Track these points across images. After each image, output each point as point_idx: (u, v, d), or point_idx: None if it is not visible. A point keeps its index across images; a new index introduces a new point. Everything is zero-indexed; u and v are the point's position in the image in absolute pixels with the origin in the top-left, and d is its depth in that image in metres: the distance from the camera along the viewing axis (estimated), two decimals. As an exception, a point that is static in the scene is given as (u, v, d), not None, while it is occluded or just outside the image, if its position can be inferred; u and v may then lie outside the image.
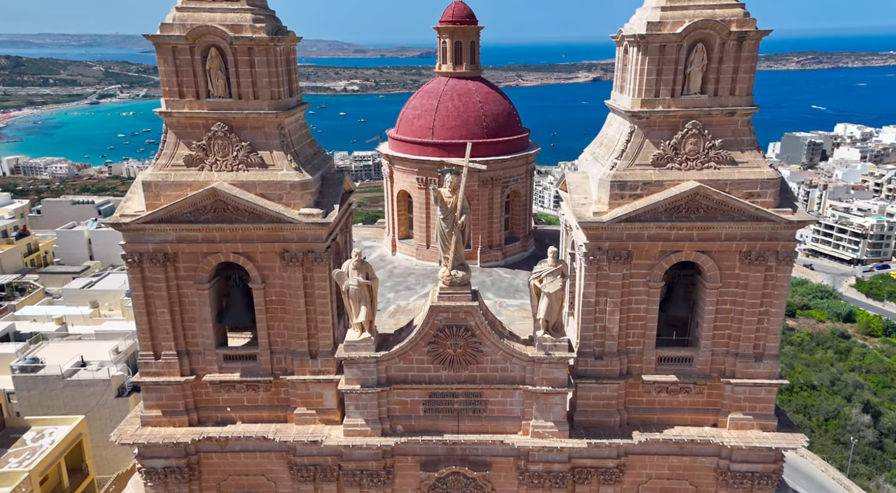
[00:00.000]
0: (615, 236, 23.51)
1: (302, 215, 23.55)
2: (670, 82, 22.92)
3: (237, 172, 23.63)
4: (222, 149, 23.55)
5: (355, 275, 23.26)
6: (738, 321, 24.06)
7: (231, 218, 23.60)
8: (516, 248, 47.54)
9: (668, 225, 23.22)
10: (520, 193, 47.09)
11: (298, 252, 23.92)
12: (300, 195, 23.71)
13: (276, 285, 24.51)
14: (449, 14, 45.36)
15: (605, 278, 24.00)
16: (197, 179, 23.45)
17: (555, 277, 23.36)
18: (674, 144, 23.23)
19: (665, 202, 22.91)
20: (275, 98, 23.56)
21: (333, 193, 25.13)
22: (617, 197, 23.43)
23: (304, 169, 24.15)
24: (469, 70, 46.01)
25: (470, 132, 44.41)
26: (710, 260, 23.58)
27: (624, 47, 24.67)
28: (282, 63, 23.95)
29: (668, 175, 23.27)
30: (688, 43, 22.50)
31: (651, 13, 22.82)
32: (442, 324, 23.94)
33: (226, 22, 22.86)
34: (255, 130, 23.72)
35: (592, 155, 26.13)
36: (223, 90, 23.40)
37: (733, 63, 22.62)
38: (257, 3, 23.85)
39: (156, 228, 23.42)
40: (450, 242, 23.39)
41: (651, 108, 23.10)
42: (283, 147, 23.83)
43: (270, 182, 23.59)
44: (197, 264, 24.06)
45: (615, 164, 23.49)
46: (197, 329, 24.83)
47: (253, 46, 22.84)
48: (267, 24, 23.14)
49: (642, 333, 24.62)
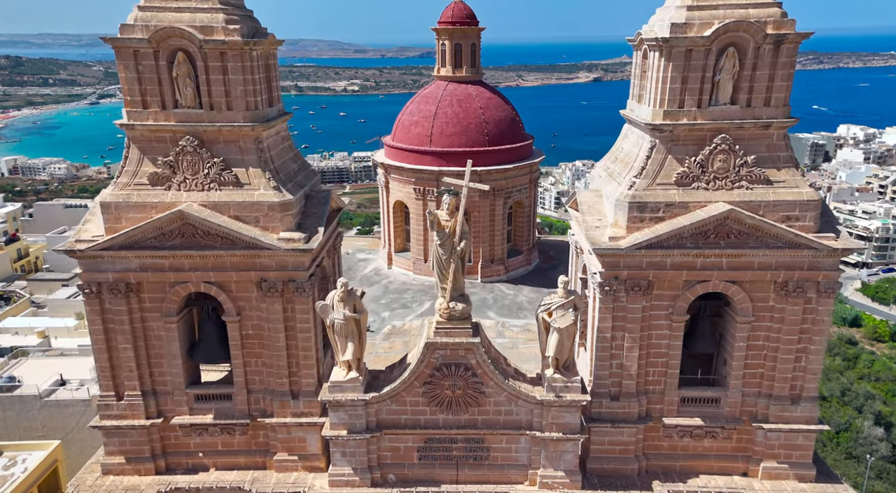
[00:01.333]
0: (634, 264, 20.88)
1: (281, 240, 20.93)
2: (697, 91, 20.29)
3: (209, 192, 21.01)
4: (192, 166, 20.93)
5: (341, 308, 20.63)
6: (772, 359, 21.42)
7: (201, 244, 20.96)
8: (519, 262, 44.95)
9: (695, 252, 20.59)
10: (523, 204, 44.48)
11: (278, 281, 21.30)
12: (280, 218, 21.09)
13: (252, 317, 21.89)
14: (448, 14, 42.67)
15: (622, 310, 21.38)
16: (163, 199, 20.83)
17: (566, 310, 20.73)
18: (700, 161, 20.61)
19: (691, 227, 20.26)
20: (251, 109, 20.95)
21: (318, 214, 22.51)
22: (636, 220, 20.80)
23: (285, 187, 21.54)
24: (469, 74, 43.34)
25: (470, 140, 41.79)
26: (742, 291, 20.94)
27: (643, 51, 22.05)
28: (259, 69, 21.34)
29: (694, 196, 20.64)
30: (717, 47, 19.89)
31: (675, 13, 20.19)
32: (439, 362, 21.31)
33: (194, 23, 20.25)
34: (229, 144, 21.11)
35: (606, 171, 23.50)
36: (193, 100, 20.79)
37: (769, 70, 19.99)
38: (231, 1, 21.23)
39: (116, 255, 20.78)
40: (448, 271, 20.77)
41: (675, 120, 20.48)
42: (261, 163, 21.22)
43: (246, 203, 20.97)
44: (164, 294, 21.44)
45: (634, 182, 20.87)
46: (165, 367, 22.18)
47: (226, 51, 20.22)
48: (242, 25, 20.54)
49: (664, 371, 21.99)
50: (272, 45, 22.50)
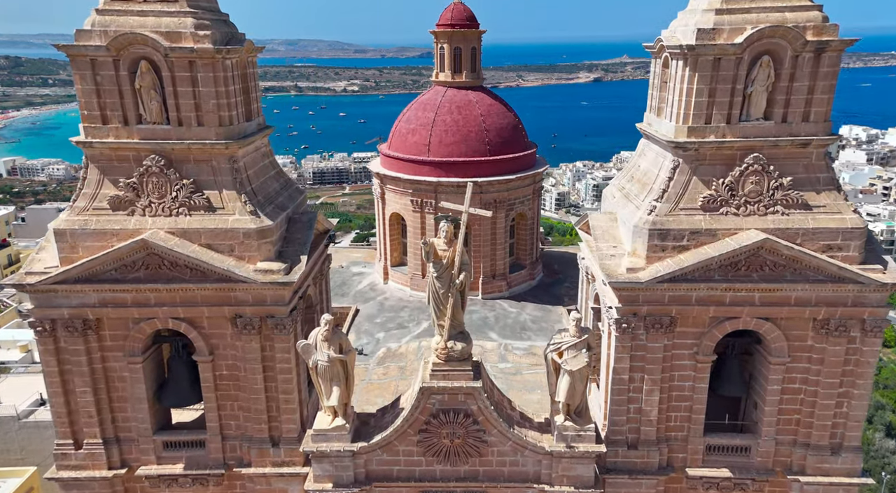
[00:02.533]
0: (655, 299, 18.58)
1: (258, 272, 18.63)
2: (726, 105, 18.00)
3: (177, 218, 18.71)
4: (158, 188, 18.64)
5: (325, 348, 18.32)
6: (810, 405, 19.12)
7: (168, 276, 18.68)
8: (522, 276, 42.58)
9: (724, 286, 18.28)
10: (526, 216, 42.12)
11: (255, 317, 19.02)
12: (257, 246, 18.80)
13: (227, 356, 19.60)
14: (447, 16, 40.25)
15: (641, 349, 19.08)
16: (125, 226, 18.53)
17: (578, 351, 18.42)
18: (729, 184, 18.31)
19: (720, 258, 17.96)
20: (224, 124, 18.65)
21: (301, 240, 20.21)
22: (657, 249, 18.50)
23: (264, 211, 19.25)
24: (470, 79, 40.94)
25: (470, 149, 39.43)
26: (776, 329, 18.64)
27: (663, 60, 19.75)
28: (235, 80, 19.03)
29: (723, 222, 18.34)
30: (750, 55, 17.58)
31: (702, 18, 17.89)
32: (436, 408, 19.00)
33: (159, 28, 17.94)
34: (200, 164, 18.81)
35: (621, 191, 21.19)
36: (159, 115, 18.50)
37: (808, 81, 17.69)
38: (202, 4, 18.91)
39: (72, 289, 18.48)
40: (445, 306, 18.44)
41: (701, 137, 18.18)
42: (237, 185, 18.92)
43: (219, 230, 18.67)
44: (126, 332, 19.14)
45: (654, 207, 18.57)
46: (129, 411, 19.89)
47: (195, 59, 17.93)
48: (214, 31, 18.24)
49: (687, 416, 19.70)
50: (250, 53, 20.21)
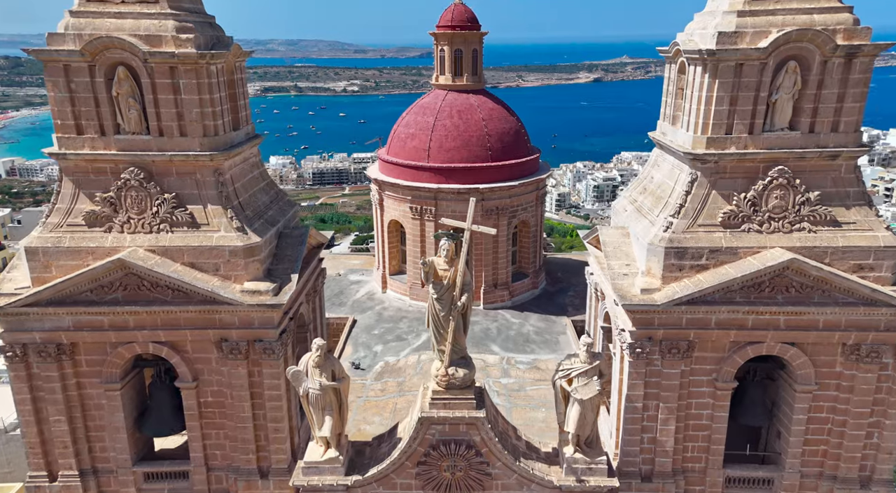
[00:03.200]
0: (672, 322, 17.29)
1: (245, 293, 17.34)
2: (748, 114, 16.71)
3: (158, 235, 17.42)
4: (137, 203, 17.35)
5: (317, 375, 17.02)
6: (838, 435, 17.83)
7: (148, 297, 17.38)
8: (525, 285, 41.29)
9: (746, 309, 16.99)
10: (529, 224, 40.83)
11: (241, 341, 17.72)
12: (244, 264, 17.51)
13: (212, 382, 18.31)
14: (448, 18, 38.93)
15: (656, 375, 17.79)
16: (102, 244, 17.23)
17: (589, 378, 17.12)
18: (752, 199, 17.02)
19: (742, 279, 16.68)
20: (209, 134, 17.36)
21: (292, 257, 18.92)
22: (674, 269, 17.21)
23: (252, 227, 17.96)
24: (471, 82, 39.64)
25: (472, 155, 38.12)
26: (802, 355, 17.35)
27: (679, 65, 18.46)
28: (221, 87, 17.75)
29: (745, 240, 17.05)
30: (775, 61, 16.29)
31: (723, 20, 16.60)
32: (436, 439, 17.68)
33: (138, 32, 16.65)
34: (183, 177, 17.53)
35: (633, 205, 19.90)
36: (138, 125, 17.21)
37: (838, 88, 16.40)
38: (185, 5, 17.61)
39: (44, 311, 17.18)
40: (447, 330, 17.14)
41: (721, 149, 16.89)
42: (222, 199, 17.63)
43: (203, 248, 17.38)
44: (104, 357, 17.84)
45: (670, 223, 17.27)
46: (107, 441, 18.59)
47: (177, 65, 16.63)
48: (197, 34, 16.94)
49: (705, 447, 18.40)
50: (238, 58, 18.93)
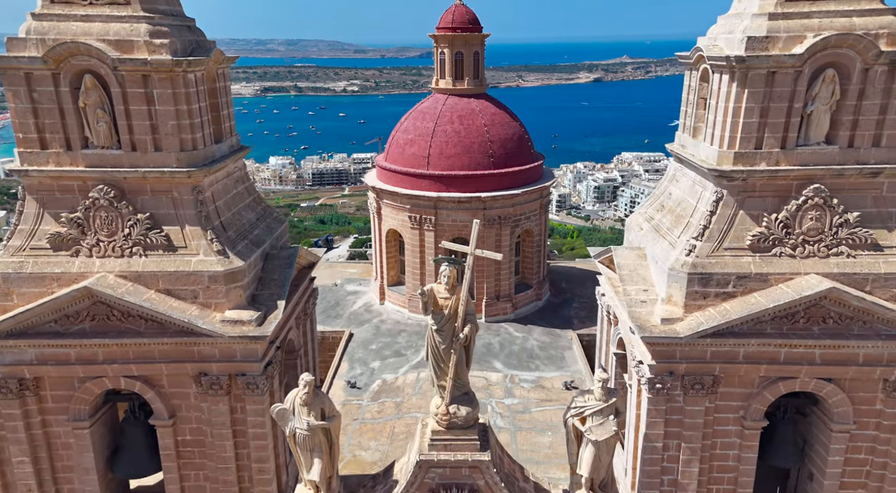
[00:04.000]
0: (696, 356, 15.73)
1: (225, 323, 15.77)
2: (781, 127, 15.16)
3: (130, 259, 15.85)
4: (107, 224, 15.78)
5: (304, 414, 15.42)
6: (877, 479, 16.24)
7: (119, 328, 15.81)
8: (529, 297, 39.76)
9: (778, 342, 15.43)
10: (532, 233, 39.30)
11: (222, 375, 16.15)
12: (225, 291, 15.94)
13: (190, 420, 16.72)
14: (448, 19, 37.38)
15: (677, 412, 16.22)
16: (68, 269, 15.67)
17: (605, 417, 15.55)
18: (784, 220, 15.46)
19: (775, 309, 15.13)
20: (187, 148, 15.81)
21: (279, 281, 17.35)
22: (697, 296, 15.65)
23: (235, 249, 16.40)
24: (472, 86, 38.13)
25: (473, 162, 36.59)
26: (839, 392, 15.78)
27: (700, 72, 16.90)
28: (200, 96, 16.18)
29: (776, 266, 15.49)
30: (811, 69, 14.73)
31: (752, 24, 15.04)
32: (435, 483, 16.09)
33: (107, 36, 15.09)
34: (158, 195, 15.97)
35: (650, 222, 18.33)
36: (108, 138, 15.65)
37: (881, 99, 14.82)
38: (160, 7, 16.04)
39: (4, 344, 15.55)
40: (447, 364, 15.56)
41: (750, 165, 15.34)
42: (201, 219, 16.07)
43: (180, 273, 15.82)
44: (71, 393, 16.27)
45: (693, 246, 15.72)
46: (76, 483, 16.95)
47: (150, 73, 15.07)
48: (174, 39, 15.39)
49: (731, 490, 16.79)
50: (220, 64, 17.36)
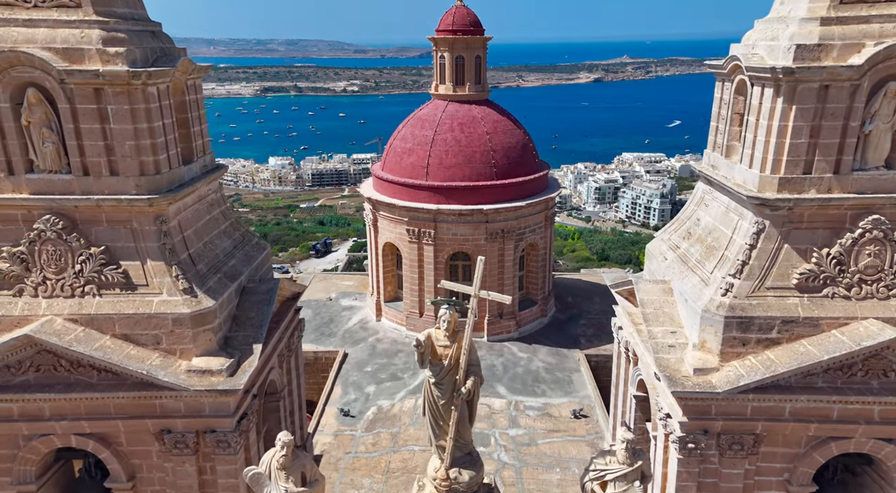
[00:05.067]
0: (734, 412, 13.65)
1: (192, 374, 13.69)
2: (834, 149, 13.09)
3: (81, 299, 13.78)
4: (55, 259, 13.70)
5: (282, 479, 13.29)
6: (940, 554, 14.27)
7: (68, 380, 13.73)
8: (533, 313, 37.77)
9: (832, 398, 13.36)
10: (537, 246, 37.27)
11: (188, 432, 14.07)
12: (192, 336, 13.87)
13: (153, 481, 14.60)
14: (448, 21, 35.30)
15: (712, 475, 14.13)
16: (9, 312, 13.58)
17: (629, 483, 13.48)
18: (837, 256, 13.39)
19: (829, 362, 13.07)
20: (148, 172, 13.73)
21: (256, 320, 15.26)
22: (735, 343, 13.58)
23: (206, 285, 14.32)
24: (473, 91, 36.08)
25: (475, 172, 34.55)
26: (899, 454, 13.78)
27: (735, 84, 14.82)
28: (165, 112, 14.09)
29: (828, 308, 13.42)
30: (870, 82, 12.66)
31: (801, 29, 12.96)
32: (434, 557, 14.10)
33: (54, 44, 13.01)
34: (115, 226, 13.89)
35: (675, 251, 16.25)
36: (56, 161, 13.57)
37: (952, 117, 12.81)
38: (117, 11, 13.94)
39: (-65, 400, 13.60)
40: (447, 423, 13.49)
41: (797, 192, 13.27)
42: (165, 253, 13.98)
43: (140, 316, 13.74)
44: (15, 452, 14.16)
45: (730, 285, 13.64)
46: (24, 554, 15.01)
47: (103, 86, 13.01)
48: (132, 47, 13.31)
49: (771, 562, 14.82)
50: (190, 75, 15.28)
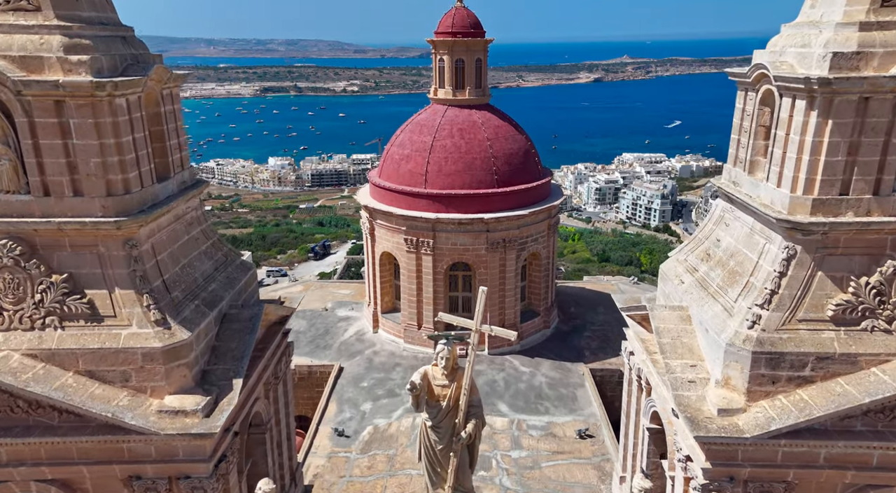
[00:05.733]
0: (763, 458, 12.36)
1: (163, 415, 12.40)
2: (874, 168, 11.81)
3: (42, 332, 12.48)
4: (13, 288, 12.41)
5: (264, 532, 12.14)
6: None
7: (25, 422, 12.44)
8: (536, 325, 36.51)
9: (871, 443, 12.09)
10: (540, 256, 36.00)
11: (160, 479, 12.78)
12: (164, 372, 12.59)
13: (124, 531, 13.42)
14: (448, 23, 34.00)
15: (736, 525, 12.90)
16: (-38, 348, 12.35)
17: (646, 536, 12.25)
18: (876, 285, 12.11)
19: (869, 404, 11.79)
20: (116, 192, 12.45)
21: (237, 351, 13.95)
22: (764, 381, 12.31)
23: (181, 315, 13.03)
24: (474, 96, 34.79)
25: (475, 180, 33.26)
26: (945, 505, 12.50)
27: (761, 94, 13.53)
28: (136, 126, 12.78)
29: (867, 344, 12.13)
30: (916, 93, 11.42)
31: (837, 35, 11.68)
32: None
33: (9, 51, 11.72)
34: (80, 251, 12.61)
35: (692, 274, 14.97)
36: (13, 181, 12.27)
37: None
38: (82, 15, 12.63)
39: None
40: (446, 469, 12.24)
41: (832, 215, 11.99)
42: (136, 281, 12.70)
43: (106, 351, 12.45)
44: (-30, 501, 13.00)
45: (758, 316, 12.36)
46: None
47: (65, 99, 11.74)
48: (97, 55, 12.01)
49: None
50: (166, 84, 13.97)
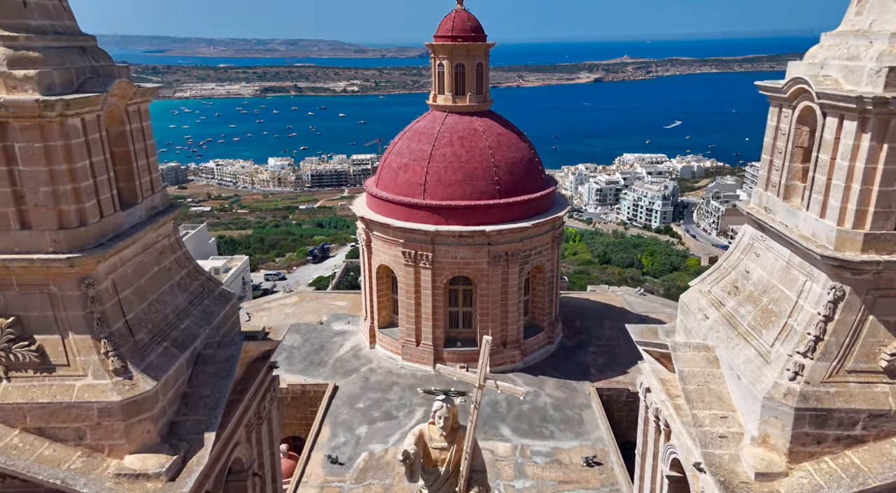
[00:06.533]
0: (804, 530, 10.91)
1: (121, 479, 10.88)
2: (935, 200, 10.34)
3: (-14, 385, 11.04)
4: (-48, 336, 10.97)
5: None
6: None
7: (-33, 490, 11.03)
8: (539, 341, 35.08)
9: (931, 516, 10.63)
10: (544, 269, 34.54)
11: (122, 550, 11.35)
12: (124, 429, 11.08)
13: None
14: (448, 26, 32.49)
15: None
16: None
17: None
18: (937, 333, 10.65)
19: (930, 472, 10.31)
20: (70, 224, 10.95)
21: (210, 399, 12.44)
22: (809, 441, 10.80)
23: (146, 360, 11.54)
24: (475, 102, 33.31)
25: (476, 190, 31.79)
26: None
27: (799, 112, 12.02)
28: (92, 149, 11.26)
29: (925, 401, 10.67)
30: None
31: (893, 47, 10.17)
32: None
33: (-58, 65, 10.26)
34: (28, 291, 11.11)
35: (719, 309, 13.46)
36: (-50, 212, 10.85)
37: None
38: (31, 23, 11.10)
39: None
40: (444, 541, 10.75)
41: (887, 253, 10.49)
42: (92, 324, 11.19)
43: (58, 406, 10.95)
44: None
45: (800, 366, 10.86)
46: None
47: (8, 120, 10.26)
48: (46, 69, 10.51)
49: None
50: (131, 100, 12.47)
